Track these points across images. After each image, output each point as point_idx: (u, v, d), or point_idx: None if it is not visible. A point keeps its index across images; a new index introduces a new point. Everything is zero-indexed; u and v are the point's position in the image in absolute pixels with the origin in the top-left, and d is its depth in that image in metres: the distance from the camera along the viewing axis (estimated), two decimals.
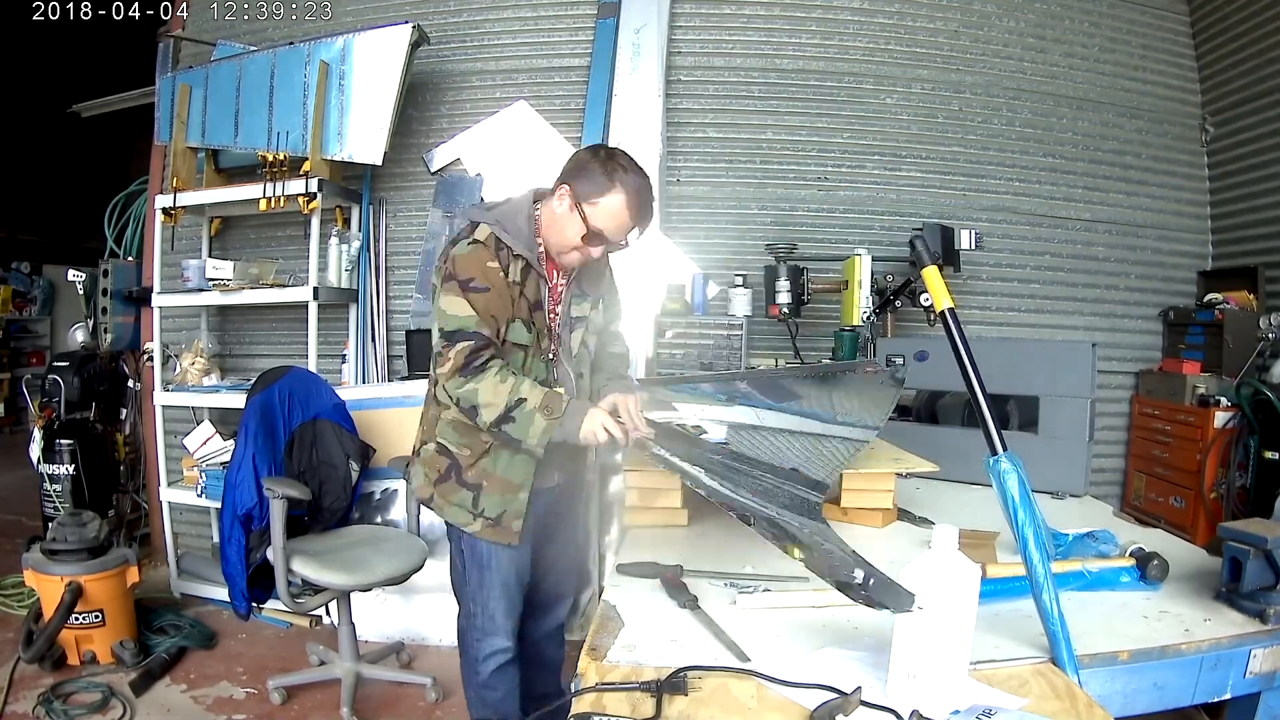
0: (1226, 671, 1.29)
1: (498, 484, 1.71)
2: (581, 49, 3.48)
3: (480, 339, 1.56)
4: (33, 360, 7.38)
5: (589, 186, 1.59)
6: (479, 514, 1.71)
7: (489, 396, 1.54)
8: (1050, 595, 1.17)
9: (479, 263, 1.59)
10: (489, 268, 1.59)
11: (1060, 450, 2.25)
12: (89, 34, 4.79)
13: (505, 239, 1.62)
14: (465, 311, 1.56)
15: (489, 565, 1.76)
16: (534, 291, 1.67)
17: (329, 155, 3.14)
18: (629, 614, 1.34)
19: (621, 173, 1.59)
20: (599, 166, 1.60)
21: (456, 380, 1.56)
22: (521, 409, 1.53)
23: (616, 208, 1.59)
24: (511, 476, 1.71)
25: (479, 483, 1.71)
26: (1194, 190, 3.68)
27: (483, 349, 1.56)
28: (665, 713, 1.02)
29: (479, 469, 1.71)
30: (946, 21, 3.52)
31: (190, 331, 3.56)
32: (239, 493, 2.41)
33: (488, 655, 1.78)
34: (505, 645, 1.79)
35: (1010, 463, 1.21)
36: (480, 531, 1.72)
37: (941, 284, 1.36)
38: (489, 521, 1.71)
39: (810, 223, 3.48)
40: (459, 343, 1.56)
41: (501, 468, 1.70)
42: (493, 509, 1.71)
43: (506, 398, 1.53)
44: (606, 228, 1.60)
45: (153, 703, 2.52)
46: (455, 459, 1.73)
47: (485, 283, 1.58)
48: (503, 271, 1.61)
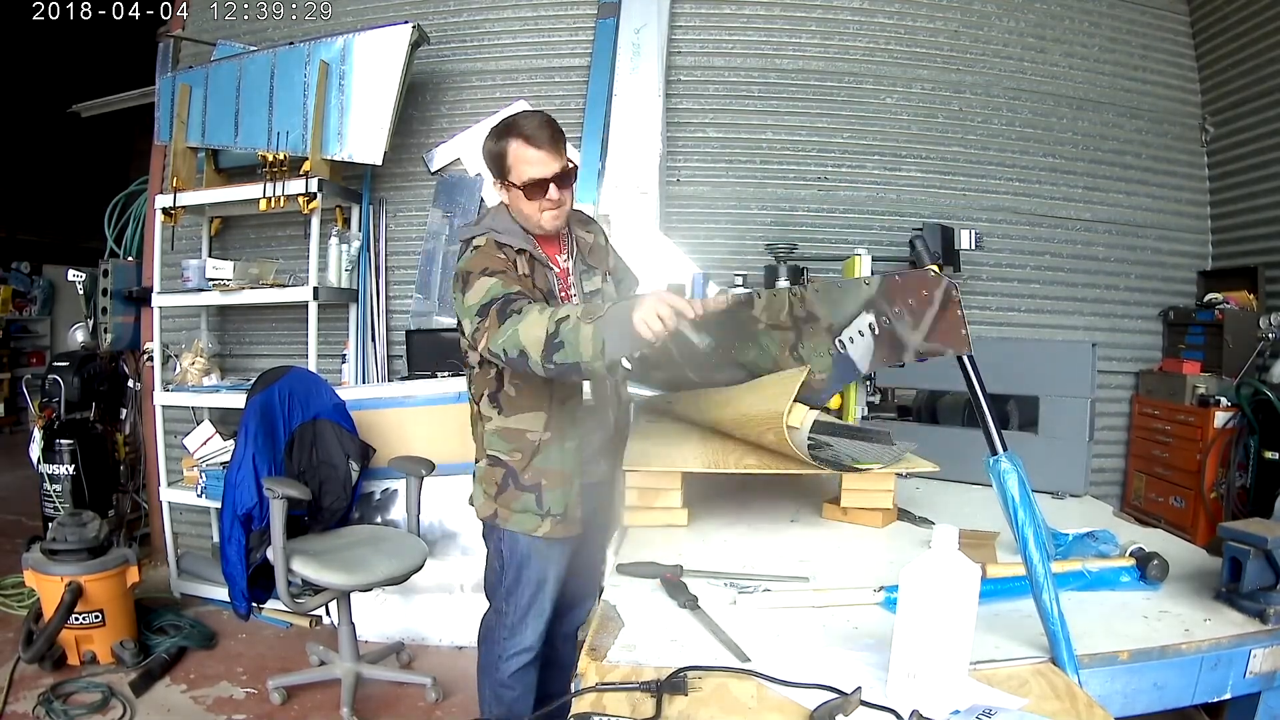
0: (1226, 671, 1.29)
1: (556, 478, 1.74)
2: (581, 49, 3.48)
3: (511, 295, 1.54)
4: (33, 360, 7.38)
5: (498, 162, 1.69)
6: (546, 514, 1.74)
7: (531, 330, 1.44)
8: (1050, 595, 1.17)
9: (488, 255, 1.66)
10: (498, 259, 1.66)
11: (1060, 450, 2.24)
12: (89, 34, 4.79)
13: (501, 239, 1.69)
14: (490, 284, 1.57)
15: (528, 563, 1.78)
16: (544, 282, 1.72)
17: (329, 155, 3.14)
18: (629, 614, 1.34)
19: (508, 128, 1.68)
20: (492, 141, 1.70)
21: (497, 331, 1.50)
22: (564, 326, 1.41)
23: (523, 152, 1.65)
24: (565, 467, 1.75)
25: (538, 482, 1.74)
26: (1194, 190, 3.68)
27: (516, 299, 1.53)
28: (665, 713, 1.02)
29: (534, 469, 1.74)
30: (946, 21, 3.52)
31: (190, 331, 3.56)
32: (239, 493, 2.41)
33: (512, 654, 1.80)
34: (530, 645, 1.81)
35: (1010, 462, 1.21)
36: (551, 531, 1.75)
37: None
38: (557, 518, 1.75)
39: (810, 223, 3.48)
40: (491, 307, 1.53)
41: (555, 461, 1.74)
42: (558, 504, 1.75)
43: (547, 324, 1.43)
44: (532, 173, 1.65)
45: (153, 703, 2.52)
46: (509, 466, 1.75)
47: (500, 266, 1.64)
48: (511, 264, 1.67)
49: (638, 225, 3.18)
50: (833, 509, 1.90)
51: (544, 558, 1.79)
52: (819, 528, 1.86)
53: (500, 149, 1.68)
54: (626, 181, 3.22)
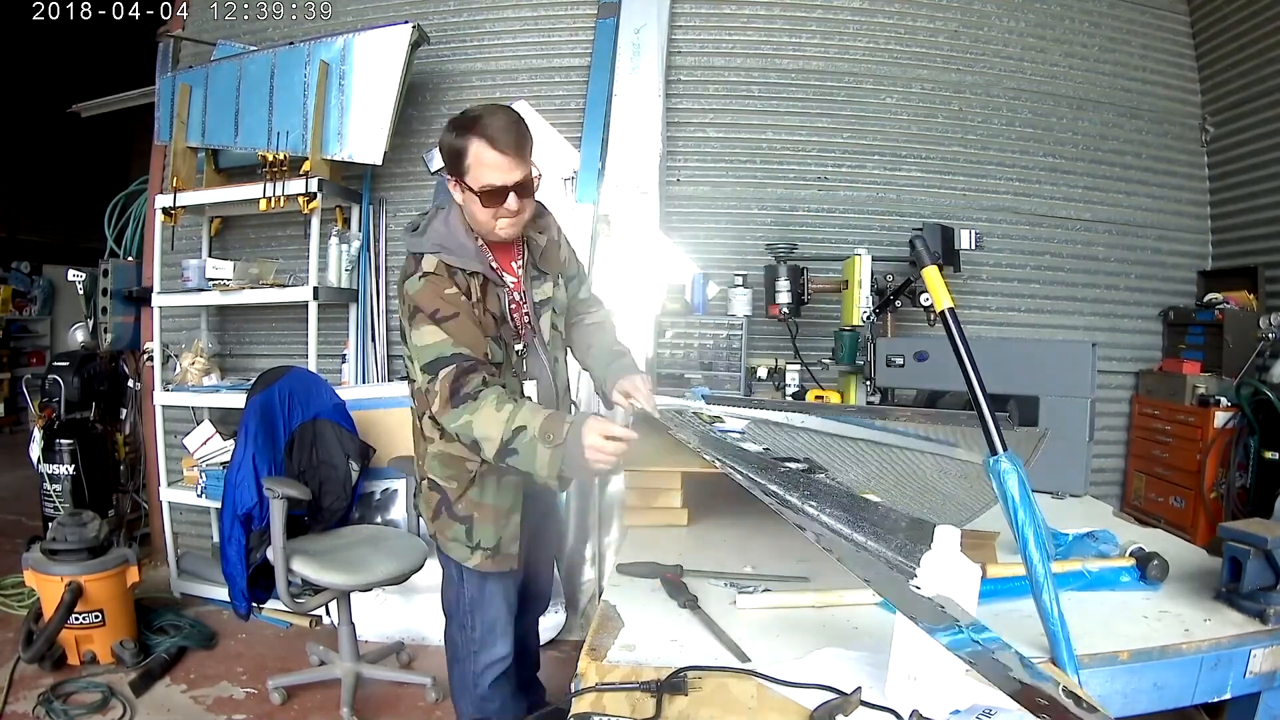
0: (1226, 671, 1.29)
1: (489, 513, 1.67)
2: (581, 49, 3.48)
3: (462, 360, 1.48)
4: (33, 360, 7.38)
5: (454, 159, 1.55)
6: (475, 546, 1.68)
7: (486, 429, 1.43)
8: (1050, 595, 1.17)
9: (437, 293, 1.54)
10: (448, 295, 1.54)
11: (1060, 450, 2.24)
12: (89, 34, 4.80)
13: (453, 261, 1.58)
14: (438, 338, 1.50)
15: (485, 603, 1.74)
16: (496, 304, 1.62)
17: (329, 155, 3.14)
18: (629, 614, 1.34)
19: (471, 124, 1.53)
20: (452, 135, 1.55)
21: (450, 414, 1.47)
22: (522, 438, 1.40)
23: (484, 154, 1.51)
24: (501, 503, 1.68)
25: (470, 514, 1.67)
26: (1194, 190, 3.68)
27: (467, 372, 1.47)
28: (665, 713, 1.02)
29: (468, 500, 1.67)
30: (946, 21, 3.52)
31: (190, 331, 3.56)
32: (239, 493, 2.41)
33: (487, 666, 1.75)
34: (504, 654, 1.77)
35: (1010, 462, 1.21)
36: (480, 564, 1.68)
37: (941, 284, 1.36)
38: (487, 552, 1.68)
39: (810, 223, 3.48)
40: (440, 370, 1.48)
41: (490, 496, 1.67)
42: (488, 539, 1.68)
43: (503, 428, 1.41)
44: (491, 178, 1.52)
45: (153, 703, 2.52)
46: (444, 492, 1.69)
47: (451, 309, 1.53)
48: (463, 295, 1.56)
49: (638, 225, 3.18)
50: None
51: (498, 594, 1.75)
52: None
53: (459, 146, 1.53)
54: (626, 181, 3.22)
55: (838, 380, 3.14)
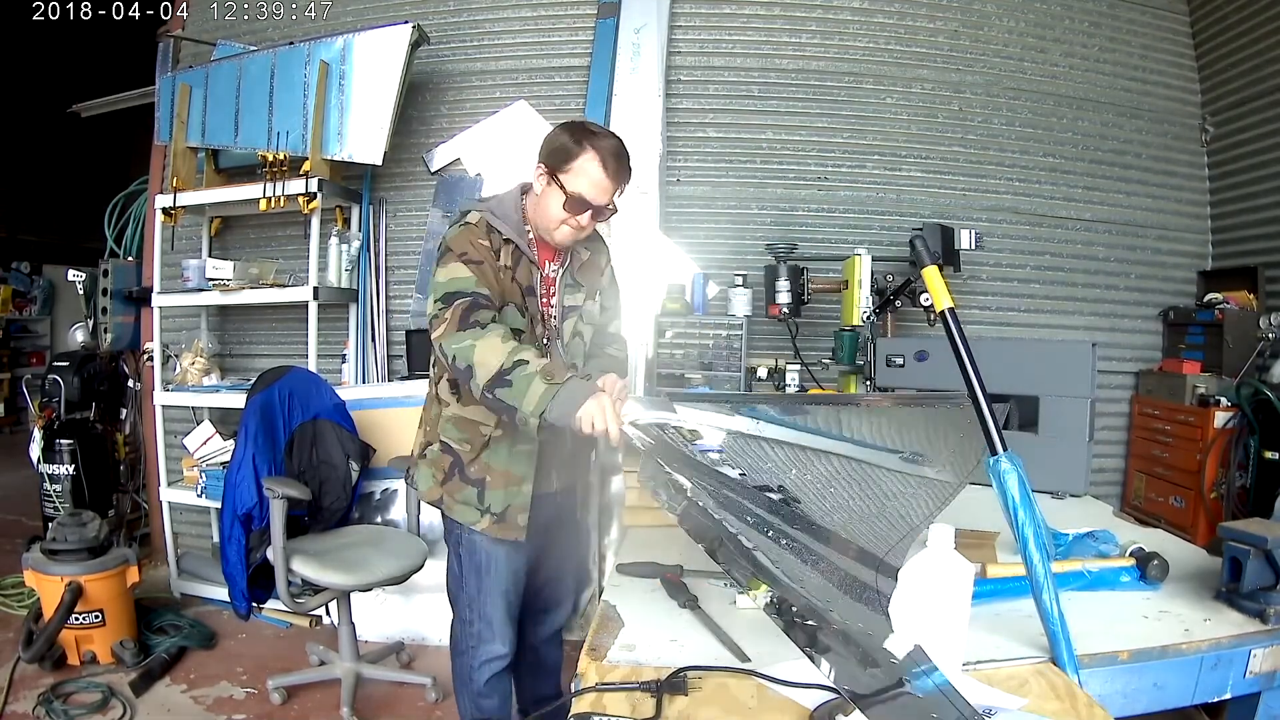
0: (1226, 671, 1.29)
1: (500, 478, 1.69)
2: (581, 49, 3.48)
3: (479, 297, 1.53)
4: (33, 360, 7.38)
5: (560, 156, 1.60)
6: (485, 510, 1.69)
7: (486, 354, 1.45)
8: (1050, 595, 1.17)
9: (471, 239, 1.61)
10: (480, 244, 1.61)
11: (1060, 450, 2.25)
12: (89, 34, 4.80)
13: (495, 223, 1.64)
14: (463, 274, 1.56)
15: (488, 570, 1.74)
16: (525, 276, 1.67)
17: (329, 155, 3.14)
18: (629, 614, 1.34)
19: (590, 136, 1.60)
20: (567, 136, 1.61)
21: (454, 335, 1.49)
22: (520, 371, 1.42)
23: (591, 168, 1.58)
24: (513, 469, 1.69)
25: (482, 478, 1.69)
26: (1194, 190, 3.68)
27: (481, 307, 1.52)
28: (665, 713, 1.02)
29: (481, 463, 1.69)
30: (946, 21, 3.52)
31: (190, 331, 3.56)
32: (239, 493, 2.41)
33: (484, 662, 1.77)
34: (502, 652, 1.78)
35: (1010, 462, 1.21)
36: (488, 528, 1.69)
37: (942, 284, 1.36)
38: (495, 517, 1.69)
39: (810, 223, 3.48)
40: (455, 300, 1.52)
41: (502, 461, 1.69)
42: (498, 504, 1.69)
43: (505, 357, 1.43)
44: (585, 190, 1.58)
45: (153, 703, 2.52)
46: (458, 455, 1.71)
47: (479, 256, 1.60)
48: (493, 252, 1.63)
49: (638, 225, 3.18)
50: None
51: (501, 564, 1.74)
52: None
53: (571, 148, 1.59)
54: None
55: (838, 380, 3.14)
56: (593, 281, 1.79)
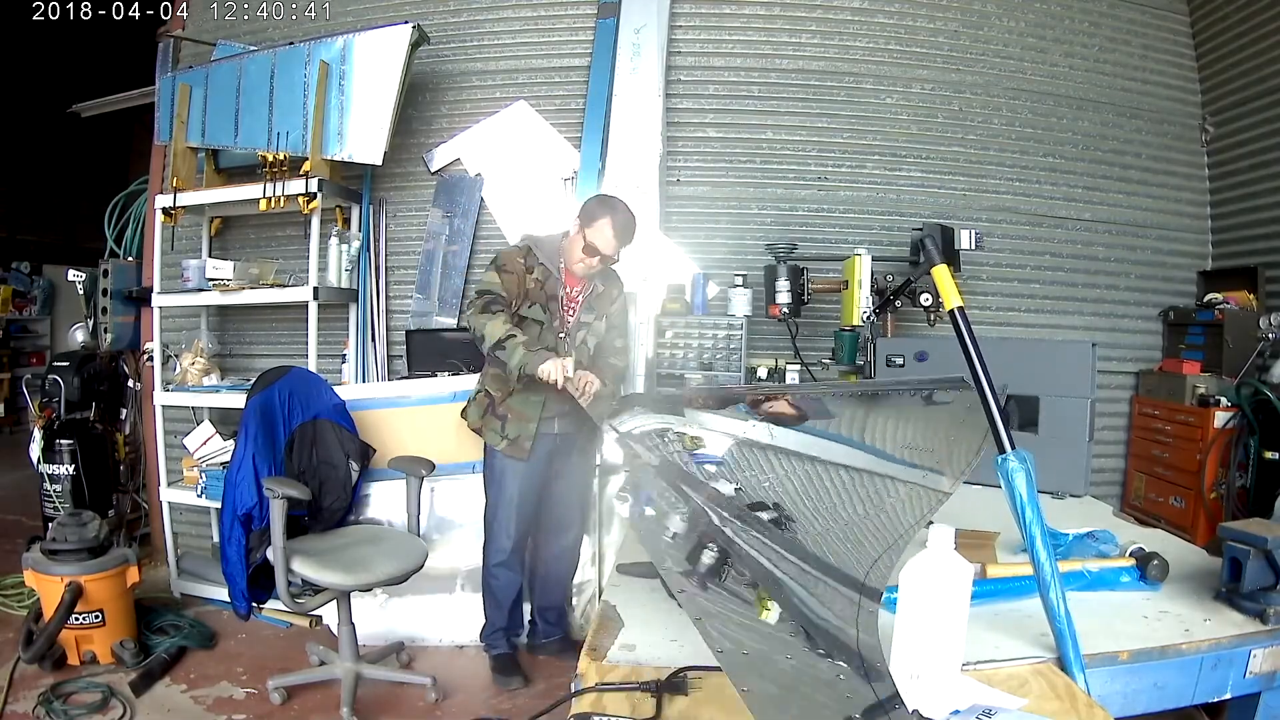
0: (1226, 671, 1.29)
1: (516, 414, 2.49)
2: (581, 49, 3.48)
3: (499, 296, 2.37)
4: (33, 360, 7.37)
5: (589, 216, 2.39)
6: (504, 436, 2.49)
7: (492, 329, 2.30)
8: (1057, 593, 1.17)
9: (513, 256, 2.44)
10: (517, 261, 2.42)
11: (1060, 450, 2.25)
12: (89, 34, 4.80)
13: (537, 251, 2.43)
14: (494, 280, 2.40)
15: (501, 483, 2.55)
16: (552, 289, 2.44)
17: (329, 155, 3.14)
18: (629, 614, 1.34)
19: (611, 208, 2.38)
20: (597, 204, 2.42)
21: (477, 316, 2.34)
22: (511, 341, 2.28)
23: (605, 227, 2.36)
24: (525, 411, 2.48)
25: (505, 414, 2.50)
26: (1194, 190, 3.68)
27: (498, 301, 2.36)
28: (665, 713, 1.02)
29: (505, 405, 2.49)
30: (946, 21, 3.53)
31: (190, 331, 3.56)
32: (239, 493, 2.41)
33: (493, 552, 2.60)
34: (503, 547, 2.58)
35: (1018, 460, 1.21)
36: (505, 448, 2.49)
37: (951, 283, 1.36)
38: (509, 441, 2.49)
39: (810, 223, 3.48)
40: (484, 295, 2.38)
41: (518, 404, 2.48)
42: (513, 432, 2.49)
43: (503, 332, 2.29)
44: (598, 241, 2.36)
45: (153, 703, 2.52)
46: (494, 399, 2.52)
47: (511, 269, 2.41)
48: (527, 269, 2.41)
49: (638, 225, 3.17)
50: None
51: (510, 477, 2.52)
52: None
53: (596, 214, 2.36)
54: (626, 181, 3.22)
55: (838, 380, 3.14)
56: (603, 307, 2.53)
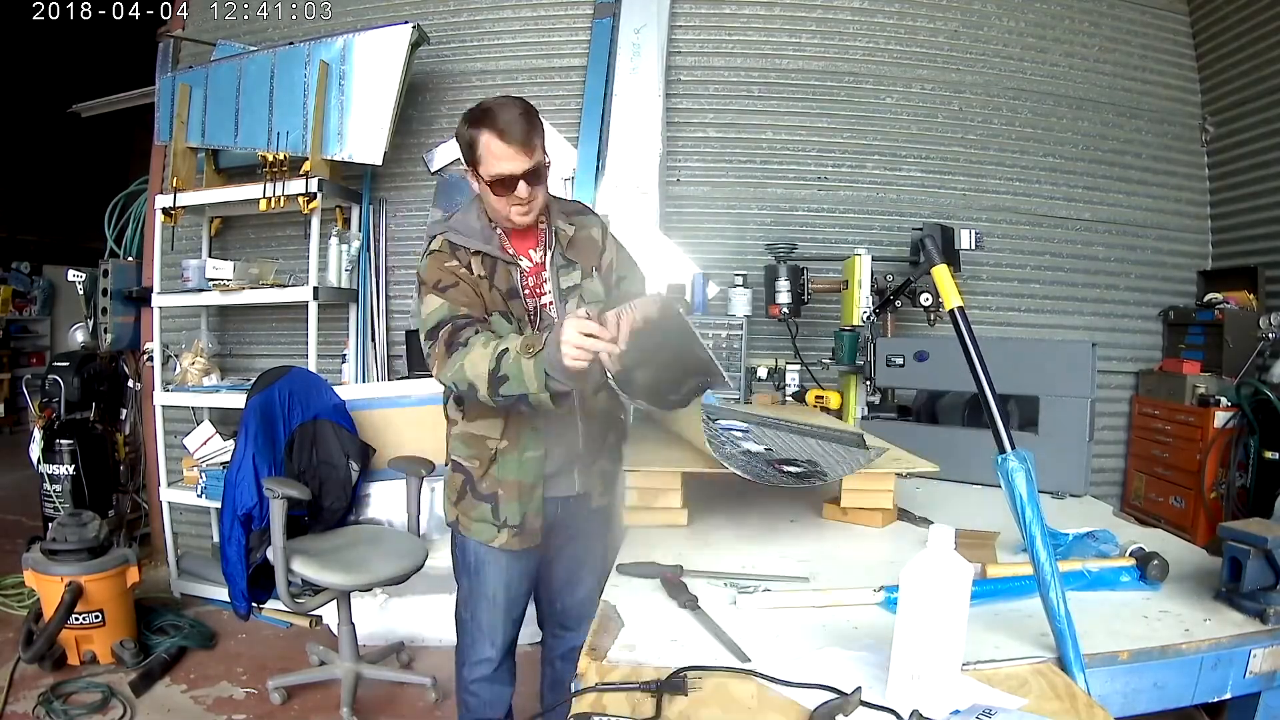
0: (1226, 671, 1.29)
1: (513, 489, 1.69)
2: (581, 49, 3.48)
3: (458, 320, 1.56)
4: (33, 360, 7.37)
5: (469, 152, 1.61)
6: (503, 524, 1.70)
7: (476, 365, 1.46)
8: (1057, 593, 1.17)
9: (439, 265, 1.63)
10: (448, 267, 1.62)
11: (1060, 450, 2.24)
12: (89, 34, 4.80)
13: (458, 240, 1.65)
14: (438, 303, 1.59)
15: (480, 574, 1.75)
16: (504, 280, 1.66)
17: (329, 155, 3.14)
18: (629, 614, 1.34)
19: (481, 117, 1.57)
20: (463, 128, 1.61)
21: (446, 366, 1.52)
22: (506, 360, 1.43)
23: (494, 146, 1.55)
24: (524, 478, 1.69)
25: (494, 492, 1.70)
26: (1194, 190, 3.68)
27: (463, 328, 1.55)
28: (665, 713, 1.02)
29: (491, 478, 1.69)
30: (946, 21, 3.53)
31: (190, 331, 3.56)
32: (239, 493, 2.41)
33: (473, 662, 1.81)
34: (488, 655, 1.79)
35: (1019, 460, 1.21)
36: (507, 543, 1.71)
37: (951, 283, 1.36)
38: (514, 529, 1.70)
39: (810, 223, 3.48)
40: (439, 333, 1.56)
41: (512, 472, 1.68)
42: (514, 516, 1.69)
43: (490, 359, 1.44)
44: (502, 167, 1.56)
45: (153, 703, 2.52)
46: (468, 473, 1.72)
47: (452, 279, 1.61)
48: (464, 268, 1.63)
49: (638, 225, 3.18)
50: (833, 509, 1.90)
51: (499, 569, 1.75)
52: (819, 528, 1.86)
53: (471, 137, 1.58)
54: (626, 181, 3.22)
55: (838, 380, 3.14)
56: (590, 257, 1.74)
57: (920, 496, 2.11)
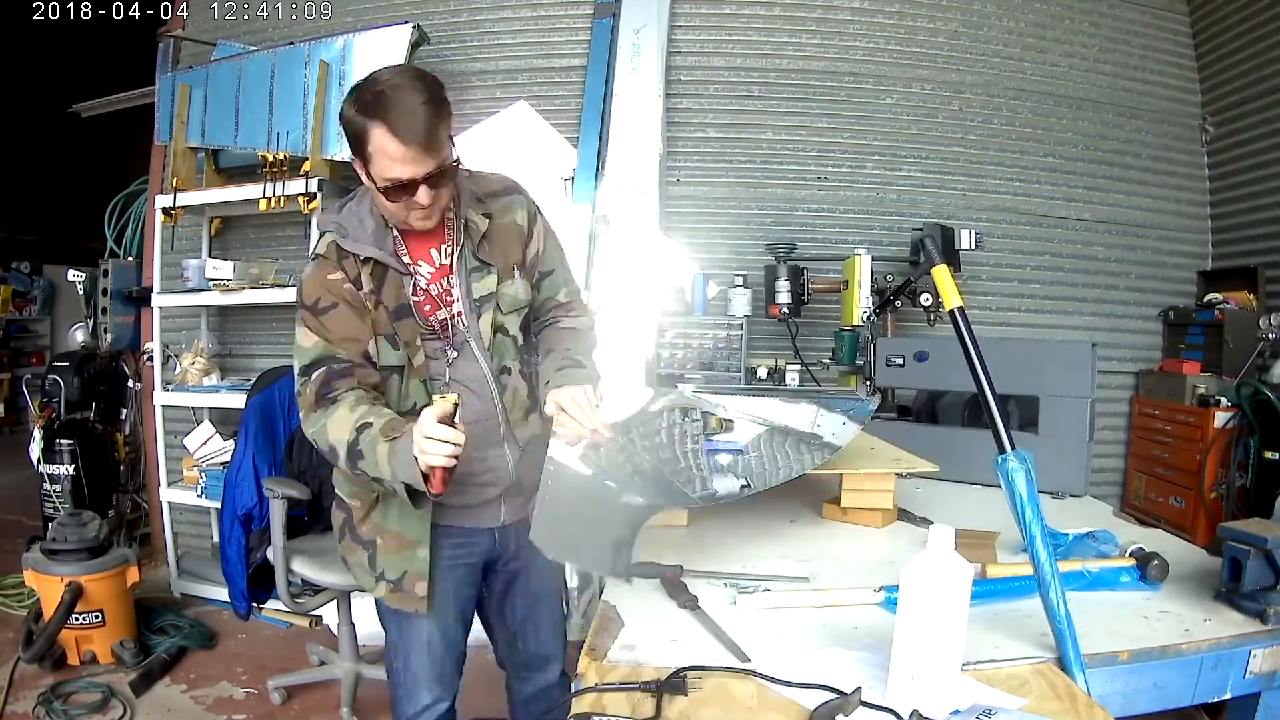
0: (1226, 671, 1.29)
1: (392, 541, 1.44)
2: (581, 49, 3.48)
3: (332, 365, 1.32)
4: (33, 360, 7.37)
5: (356, 142, 1.28)
6: (379, 576, 1.46)
7: (338, 429, 1.26)
8: (1057, 593, 1.17)
9: (320, 279, 1.35)
10: (331, 280, 1.35)
11: (1060, 450, 2.24)
12: (89, 34, 4.80)
13: (345, 244, 1.36)
14: (314, 339, 1.34)
15: (405, 620, 1.50)
16: (393, 295, 1.37)
17: (329, 155, 3.14)
18: (629, 614, 1.34)
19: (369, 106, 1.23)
20: (350, 112, 1.26)
21: (310, 419, 1.31)
22: (365, 436, 1.23)
23: (383, 144, 1.23)
24: (406, 531, 1.43)
25: (373, 539, 1.46)
26: (1194, 190, 3.68)
27: (339, 376, 1.32)
28: (665, 713, 1.02)
29: (371, 523, 1.46)
30: (946, 21, 3.52)
31: (190, 331, 3.56)
32: (239, 493, 2.42)
33: (410, 716, 1.54)
34: (427, 702, 1.53)
35: (1018, 460, 1.21)
36: (386, 596, 1.47)
37: (951, 283, 1.36)
38: (391, 585, 1.45)
39: (810, 223, 3.48)
40: (312, 375, 1.32)
41: (394, 521, 1.44)
42: (392, 570, 1.45)
43: (350, 430, 1.24)
44: (397, 172, 1.25)
45: (153, 703, 2.52)
46: (349, 511, 1.49)
47: (331, 299, 1.34)
48: (349, 281, 1.35)
49: (637, 225, 3.18)
50: (833, 509, 1.90)
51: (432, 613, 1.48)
52: (819, 528, 1.87)
53: (360, 128, 1.25)
54: (626, 181, 3.22)
55: (838, 380, 3.14)
56: (507, 254, 1.45)
57: (920, 496, 2.11)
